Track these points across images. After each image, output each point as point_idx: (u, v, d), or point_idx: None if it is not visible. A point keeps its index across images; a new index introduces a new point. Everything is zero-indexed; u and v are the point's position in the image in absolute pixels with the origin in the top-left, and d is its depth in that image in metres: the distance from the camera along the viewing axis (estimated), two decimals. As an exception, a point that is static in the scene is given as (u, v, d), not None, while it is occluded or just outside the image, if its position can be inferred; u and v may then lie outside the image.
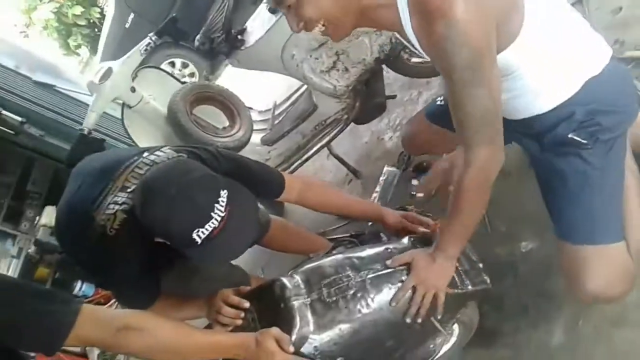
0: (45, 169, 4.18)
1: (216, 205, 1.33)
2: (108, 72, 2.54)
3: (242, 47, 2.40)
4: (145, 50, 2.60)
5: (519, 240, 1.88)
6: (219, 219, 1.33)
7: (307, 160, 2.74)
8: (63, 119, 3.95)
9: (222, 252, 1.43)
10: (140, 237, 1.48)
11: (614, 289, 1.42)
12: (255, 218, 1.54)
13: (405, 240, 1.65)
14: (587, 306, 1.59)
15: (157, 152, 1.64)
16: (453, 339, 1.60)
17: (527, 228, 1.88)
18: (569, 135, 1.37)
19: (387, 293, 1.47)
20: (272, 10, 1.62)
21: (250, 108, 3.14)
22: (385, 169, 2.58)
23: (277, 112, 3.18)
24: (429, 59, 1.35)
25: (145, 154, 1.63)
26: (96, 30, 9.97)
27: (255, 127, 2.95)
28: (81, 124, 2.71)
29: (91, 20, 10.11)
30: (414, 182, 2.35)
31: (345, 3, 1.29)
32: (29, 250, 3.85)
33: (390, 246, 1.61)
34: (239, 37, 2.39)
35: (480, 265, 1.63)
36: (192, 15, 4.75)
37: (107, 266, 1.55)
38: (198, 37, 2.53)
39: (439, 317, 1.51)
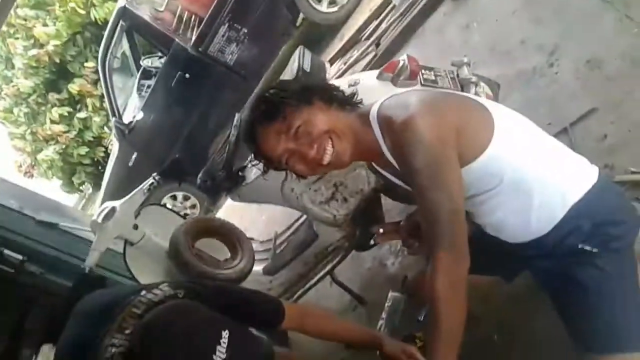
0: (44, 306, 4.08)
1: (218, 347, 1.29)
2: (111, 212, 2.59)
3: (243, 184, 2.47)
4: (148, 190, 2.67)
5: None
6: None
7: (310, 288, 2.72)
8: (64, 255, 3.93)
9: None
10: None
11: None
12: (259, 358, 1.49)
13: None
14: None
15: (155, 290, 1.62)
16: None
17: (545, 355, 1.81)
18: (579, 246, 1.38)
19: None
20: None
21: (252, 238, 3.16)
22: (390, 294, 2.53)
23: (278, 242, 3.20)
24: None
25: (143, 292, 1.61)
26: (100, 167, 10.28)
27: (256, 257, 2.94)
28: (82, 260, 2.70)
29: (95, 159, 10.45)
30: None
31: (342, 118, 1.46)
32: (22, 396, 3.64)
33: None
34: (240, 173, 2.48)
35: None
36: (194, 154, 4.90)
37: None
38: (200, 175, 2.61)
39: None
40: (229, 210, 5.54)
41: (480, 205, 1.47)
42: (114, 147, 6.38)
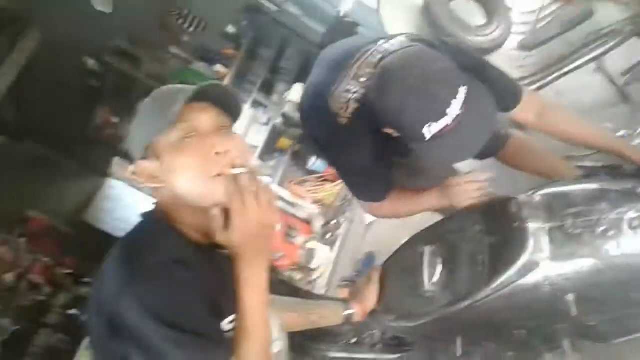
0: (299, 48, 4.43)
1: (453, 101, 1.25)
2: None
3: None
4: None
5: None
6: (453, 116, 1.25)
7: (567, 73, 2.41)
8: (322, 2, 4.08)
9: (448, 153, 1.36)
10: (371, 129, 1.48)
11: None
12: (491, 126, 1.39)
13: None
14: None
15: (392, 41, 1.58)
16: None
17: None
18: None
19: (647, 239, 1.24)
20: None
21: (511, 8, 2.82)
22: (667, 96, 2.10)
23: (543, 15, 2.82)
24: None
25: (380, 42, 1.58)
26: None
27: (512, 29, 2.67)
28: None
29: None
30: None
31: None
32: (276, 121, 4.22)
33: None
34: None
35: None
36: None
37: (339, 152, 1.62)
38: None
39: None
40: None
41: None
42: None
